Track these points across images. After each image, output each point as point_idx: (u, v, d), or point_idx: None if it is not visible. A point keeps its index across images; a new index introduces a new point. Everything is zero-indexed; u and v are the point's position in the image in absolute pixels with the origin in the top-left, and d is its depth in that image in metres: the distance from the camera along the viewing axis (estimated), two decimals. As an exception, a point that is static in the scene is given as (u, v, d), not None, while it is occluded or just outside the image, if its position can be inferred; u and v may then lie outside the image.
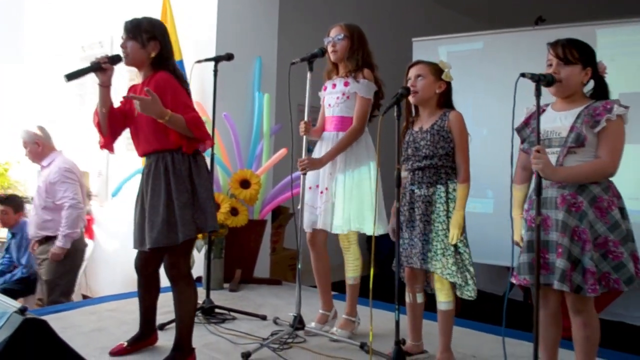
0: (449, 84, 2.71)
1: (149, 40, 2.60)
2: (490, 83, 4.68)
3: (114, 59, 2.65)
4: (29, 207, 5.57)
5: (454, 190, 2.64)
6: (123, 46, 2.62)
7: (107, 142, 2.73)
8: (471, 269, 2.63)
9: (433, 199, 2.64)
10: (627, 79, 4.11)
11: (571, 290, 2.16)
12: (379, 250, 2.47)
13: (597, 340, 2.26)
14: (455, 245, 2.59)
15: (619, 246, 2.16)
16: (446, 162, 2.64)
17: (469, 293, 2.63)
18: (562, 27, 4.17)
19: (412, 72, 2.71)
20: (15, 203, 4.83)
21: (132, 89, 2.74)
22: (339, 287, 3.51)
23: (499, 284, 5.53)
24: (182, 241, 2.52)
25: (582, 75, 2.26)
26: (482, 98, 4.67)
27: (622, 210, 2.22)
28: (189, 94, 2.68)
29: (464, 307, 2.86)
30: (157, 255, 2.68)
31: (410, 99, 2.70)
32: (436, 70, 2.68)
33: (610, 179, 2.24)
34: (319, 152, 3.12)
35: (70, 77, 2.58)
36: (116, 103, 2.75)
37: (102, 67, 2.60)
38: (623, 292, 4.56)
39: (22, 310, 1.84)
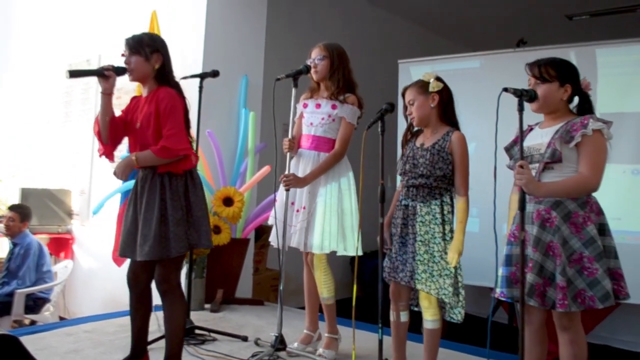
0: (442, 93, 2.65)
1: (152, 53, 2.66)
2: (473, 103, 4.70)
3: (119, 70, 2.68)
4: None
5: (449, 212, 2.60)
6: (127, 62, 2.67)
7: (107, 150, 2.74)
8: (463, 292, 2.59)
9: (427, 218, 2.59)
10: (610, 99, 4.15)
11: (543, 305, 2.18)
12: (362, 271, 2.44)
13: (585, 359, 2.23)
14: (455, 268, 2.55)
15: (594, 262, 2.15)
16: (442, 183, 2.60)
17: (457, 316, 2.59)
18: (542, 49, 4.22)
19: (406, 99, 2.70)
20: (22, 212, 4.78)
21: (135, 100, 2.79)
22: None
23: (483, 306, 5.49)
24: (174, 256, 2.55)
25: (561, 92, 2.28)
26: (465, 117, 4.67)
27: (602, 226, 2.22)
28: (186, 107, 2.72)
29: (449, 330, 2.82)
30: (148, 268, 2.67)
31: (414, 124, 2.71)
32: (423, 87, 2.66)
33: (593, 194, 2.24)
34: (294, 167, 3.11)
35: (73, 74, 2.63)
36: (117, 112, 2.78)
37: (105, 75, 2.63)
38: (609, 314, 4.62)
39: (-8, 328, 1.77)
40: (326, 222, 2.97)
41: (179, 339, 2.66)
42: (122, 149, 4.84)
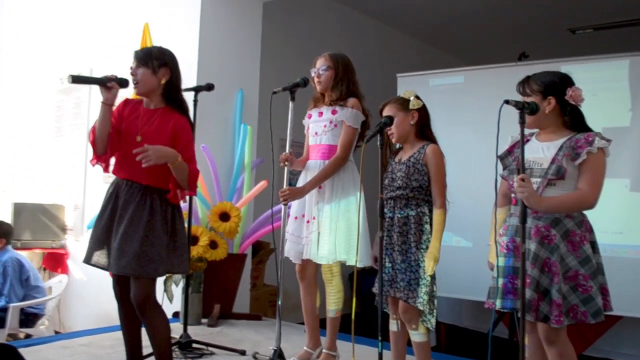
0: (421, 110, 2.71)
1: (160, 67, 2.62)
2: (471, 116, 4.70)
3: (122, 82, 2.62)
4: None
5: (426, 222, 2.64)
6: (133, 74, 2.62)
7: (102, 160, 2.69)
8: (436, 301, 2.62)
9: (404, 229, 2.64)
10: (607, 114, 4.15)
11: (537, 319, 2.20)
12: (361, 288, 2.45)
13: None
14: (431, 276, 2.58)
15: (589, 280, 2.20)
16: (418, 194, 2.66)
17: (429, 324, 2.62)
18: (543, 63, 4.21)
19: (384, 115, 2.72)
20: (1, 229, 4.69)
21: (131, 105, 2.71)
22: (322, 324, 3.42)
23: (483, 321, 5.45)
24: (152, 277, 2.55)
25: (544, 105, 2.27)
26: (463, 131, 4.68)
27: (593, 244, 2.26)
28: (192, 126, 2.76)
29: (448, 344, 2.79)
30: (127, 278, 2.63)
31: (392, 140, 2.76)
32: (403, 104, 2.71)
33: (585, 213, 2.28)
34: (303, 181, 3.08)
35: (75, 80, 2.58)
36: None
37: (107, 85, 2.57)
38: (610, 327, 4.60)
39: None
40: (333, 234, 2.93)
41: (166, 353, 2.64)
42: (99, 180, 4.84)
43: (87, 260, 2.64)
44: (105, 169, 2.72)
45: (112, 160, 2.73)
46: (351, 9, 6.79)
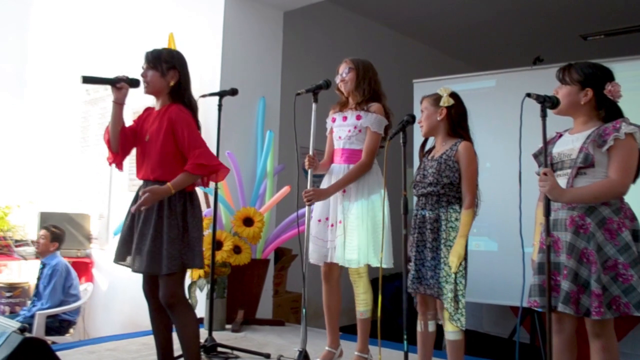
0: (453, 108, 2.71)
1: (169, 69, 2.71)
2: (489, 122, 4.70)
3: (132, 82, 2.73)
4: (29, 250, 5.56)
5: (456, 219, 2.62)
6: (144, 75, 2.72)
7: (117, 159, 2.79)
8: (463, 300, 2.59)
9: (435, 225, 2.63)
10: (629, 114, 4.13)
11: (577, 312, 2.14)
12: (383, 295, 2.46)
13: None
14: (455, 274, 2.56)
15: (629, 269, 2.12)
16: (449, 191, 2.64)
17: (457, 323, 2.58)
18: (558, 66, 4.21)
19: (421, 108, 2.79)
20: (54, 232, 4.86)
21: (148, 111, 2.82)
22: (346, 329, 3.43)
23: (504, 326, 5.40)
24: (172, 272, 2.58)
25: (580, 96, 2.27)
26: (480, 137, 4.67)
27: (636, 232, 2.18)
28: (199, 127, 2.76)
29: (468, 349, 2.78)
30: (157, 280, 2.68)
31: (421, 133, 2.78)
32: (435, 100, 2.74)
33: (625, 200, 2.21)
34: (327, 184, 3.11)
35: (87, 80, 2.67)
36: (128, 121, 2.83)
37: (117, 85, 2.67)
38: (633, 328, 4.52)
39: (21, 330, 1.79)
40: (361, 236, 2.95)
41: (195, 351, 2.67)
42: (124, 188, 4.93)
43: (116, 259, 2.73)
44: (118, 166, 2.81)
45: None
46: (369, 19, 6.86)
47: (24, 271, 5.55)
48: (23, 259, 5.02)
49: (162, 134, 2.64)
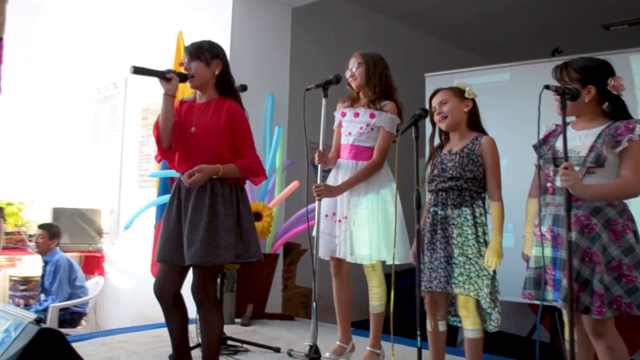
0: (474, 103, 2.68)
1: (212, 58, 2.66)
2: (504, 117, 4.65)
3: (181, 76, 2.66)
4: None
5: (481, 215, 2.58)
6: (187, 68, 2.66)
7: (168, 156, 2.71)
8: (499, 297, 2.57)
9: (458, 221, 2.57)
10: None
11: (577, 310, 2.14)
12: (395, 290, 2.44)
13: None
14: (494, 271, 2.53)
15: (633, 270, 2.14)
16: (472, 185, 2.58)
17: (494, 322, 2.56)
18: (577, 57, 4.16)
19: (435, 101, 2.70)
20: (51, 230, 4.88)
21: (187, 104, 2.74)
22: (358, 324, 3.43)
23: (522, 325, 5.34)
24: (212, 266, 2.51)
25: (584, 94, 2.23)
26: (499, 130, 4.63)
27: (636, 234, 2.20)
28: None
29: (486, 347, 2.75)
30: (177, 278, 2.63)
31: (441, 125, 2.69)
32: (458, 92, 2.68)
33: (625, 202, 2.23)
34: (334, 179, 3.10)
35: (137, 70, 2.60)
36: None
37: (166, 77, 2.61)
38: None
39: (37, 321, 1.80)
40: (372, 231, 2.93)
41: (216, 348, 2.64)
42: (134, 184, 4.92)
43: (158, 258, 2.61)
44: (171, 164, 2.74)
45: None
46: (377, 13, 6.82)
47: (37, 265, 5.58)
48: (36, 253, 5.06)
49: (220, 128, 2.59)
